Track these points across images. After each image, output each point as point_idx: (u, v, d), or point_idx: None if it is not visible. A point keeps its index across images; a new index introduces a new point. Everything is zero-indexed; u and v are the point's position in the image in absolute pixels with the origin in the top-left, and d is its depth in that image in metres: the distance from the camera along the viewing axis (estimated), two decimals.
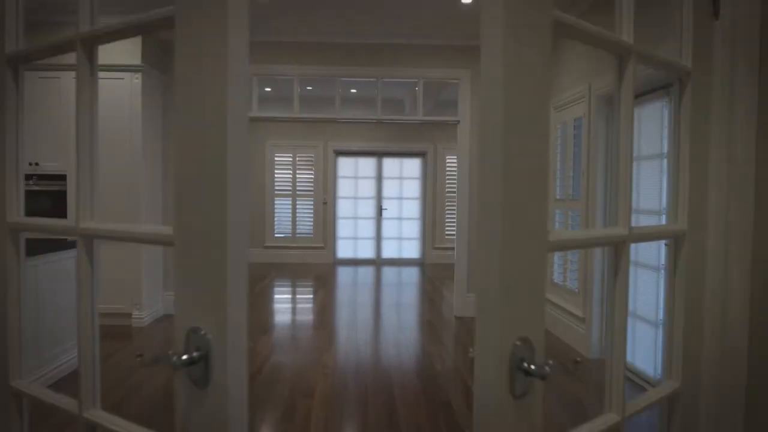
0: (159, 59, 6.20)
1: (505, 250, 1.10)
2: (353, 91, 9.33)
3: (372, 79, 6.47)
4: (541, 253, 1.16)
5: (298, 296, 7.96)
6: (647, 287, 4.41)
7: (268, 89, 8.98)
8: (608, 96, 4.83)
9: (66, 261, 4.22)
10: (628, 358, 4.74)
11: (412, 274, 10.01)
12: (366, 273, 10.08)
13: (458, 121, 6.50)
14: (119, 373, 4.40)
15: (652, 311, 4.34)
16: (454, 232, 11.24)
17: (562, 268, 5.83)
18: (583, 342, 5.15)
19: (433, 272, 10.19)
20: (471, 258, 6.58)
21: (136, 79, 5.71)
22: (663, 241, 4.25)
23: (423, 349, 5.21)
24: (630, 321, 4.58)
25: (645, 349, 4.43)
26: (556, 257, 5.94)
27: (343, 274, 9.95)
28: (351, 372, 4.51)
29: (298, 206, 11.23)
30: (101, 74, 4.65)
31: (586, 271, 5.16)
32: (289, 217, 11.23)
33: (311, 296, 7.88)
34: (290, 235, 11.24)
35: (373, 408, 3.82)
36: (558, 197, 5.91)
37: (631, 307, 4.68)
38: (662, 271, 4.22)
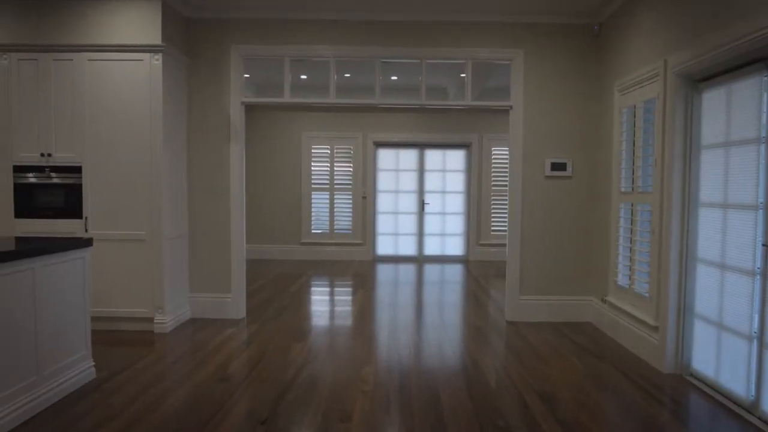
0: (183, 39, 5.76)
1: None
2: (394, 78, 8.78)
3: (415, 61, 5.91)
4: None
5: (335, 297, 7.47)
6: (738, 293, 3.76)
7: (303, 77, 8.50)
8: (689, 73, 4.17)
9: (70, 263, 3.79)
10: (711, 374, 4.11)
11: (455, 273, 9.44)
12: (407, 271, 9.55)
13: (510, 107, 5.90)
14: (139, 383, 3.96)
15: (745, 322, 3.69)
16: (500, 228, 10.67)
17: (628, 269, 5.19)
18: (656, 354, 4.52)
19: (478, 270, 9.59)
20: (524, 257, 5.98)
21: (156, 60, 5.27)
22: (760, 241, 3.61)
23: (474, 361, 4.65)
24: (714, 332, 3.92)
25: (734, 365, 3.79)
26: (621, 256, 5.30)
27: (384, 272, 9.44)
28: (394, 390, 3.98)
29: (336, 200, 10.76)
30: (115, 55, 4.19)
31: (659, 273, 4.51)
32: (327, 212, 10.77)
33: (350, 297, 7.38)
34: (328, 231, 10.78)
35: None
36: (623, 189, 5.26)
37: (715, 316, 4.05)
38: (758, 276, 3.57)
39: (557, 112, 5.91)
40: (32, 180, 5.38)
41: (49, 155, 5.35)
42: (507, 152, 10.59)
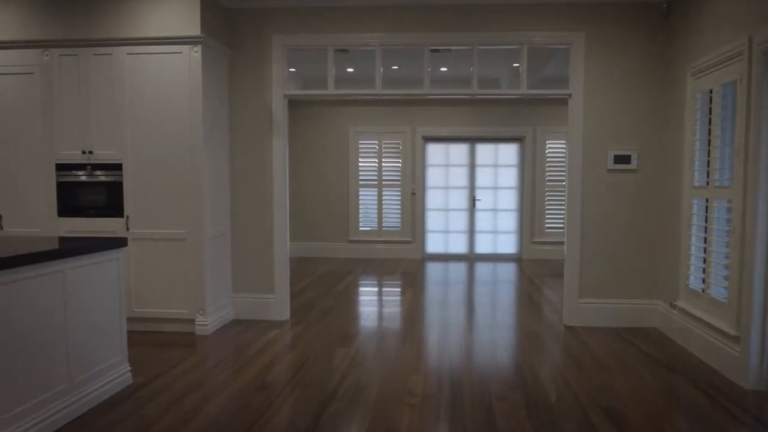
0: (223, 30, 5.56)
1: None
2: (443, 69, 8.44)
3: (466, 47, 5.56)
4: None
5: (383, 297, 7.19)
6: None
7: (350, 69, 8.25)
8: None
9: (103, 264, 3.61)
10: None
11: (508, 271, 9.03)
12: (458, 270, 9.19)
13: (569, 95, 5.48)
14: (175, 390, 3.76)
15: None
16: (555, 225, 10.20)
17: (701, 272, 4.73)
18: (737, 367, 4.06)
19: (532, 269, 9.15)
20: (584, 257, 5.55)
21: (195, 52, 5.07)
22: None
23: (531, 371, 4.29)
24: None
25: None
26: (693, 257, 4.83)
27: (433, 270, 9.11)
28: (444, 403, 3.66)
29: (384, 197, 10.48)
30: (154, 48, 3.98)
31: (740, 276, 4.05)
32: (375, 208, 10.50)
33: (398, 297, 7.08)
34: (376, 228, 10.51)
35: None
36: (696, 184, 4.79)
37: None
38: None
39: (621, 100, 5.46)
40: (74, 178, 5.27)
41: (90, 152, 5.24)
42: (563, 145, 10.13)
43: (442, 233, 10.55)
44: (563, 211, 10.06)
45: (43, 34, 5.24)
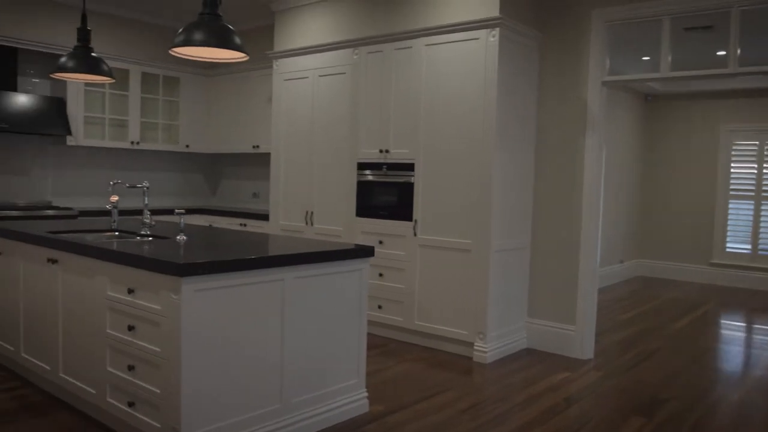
0: (531, 10, 4.74)
1: None
2: None
3: None
4: None
5: (741, 347, 5.42)
6: None
7: (720, 53, 6.51)
8: None
9: (338, 275, 3.23)
10: None
11: None
12: None
13: None
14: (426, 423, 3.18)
15: None
16: None
17: None
18: None
19: None
20: None
21: (493, 36, 4.38)
22: None
23: None
24: None
25: None
26: None
27: None
28: None
29: (762, 213, 8.23)
30: (450, 36, 2.77)
31: None
32: (749, 226, 8.33)
33: (762, 351, 5.26)
34: (749, 251, 8.33)
35: None
36: None
37: None
38: None
39: None
40: (371, 177, 5.15)
41: (387, 151, 5.03)
42: None
43: None
44: None
45: (354, 34, 5.23)
